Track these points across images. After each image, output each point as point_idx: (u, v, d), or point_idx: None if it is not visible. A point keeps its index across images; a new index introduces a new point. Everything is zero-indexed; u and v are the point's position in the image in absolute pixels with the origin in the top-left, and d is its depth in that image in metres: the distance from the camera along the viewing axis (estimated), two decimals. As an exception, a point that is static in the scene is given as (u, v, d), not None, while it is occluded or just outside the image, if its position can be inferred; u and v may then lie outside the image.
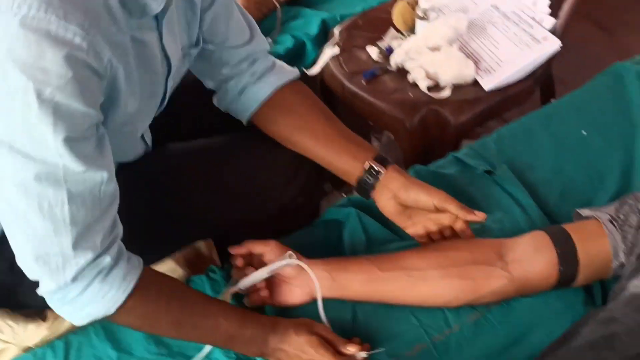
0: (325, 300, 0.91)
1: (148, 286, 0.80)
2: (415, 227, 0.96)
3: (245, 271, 0.92)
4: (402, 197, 0.92)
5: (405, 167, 1.13)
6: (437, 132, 1.26)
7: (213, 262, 1.11)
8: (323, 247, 1.03)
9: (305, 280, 0.92)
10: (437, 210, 0.92)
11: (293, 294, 0.93)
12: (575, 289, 0.92)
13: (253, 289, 0.92)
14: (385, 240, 1.03)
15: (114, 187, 0.75)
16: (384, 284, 0.91)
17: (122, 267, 0.76)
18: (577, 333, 0.82)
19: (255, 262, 0.94)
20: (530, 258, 0.89)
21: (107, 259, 0.74)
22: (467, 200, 1.02)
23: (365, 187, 0.94)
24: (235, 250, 0.94)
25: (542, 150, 1.12)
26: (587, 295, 0.92)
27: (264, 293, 0.92)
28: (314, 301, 0.92)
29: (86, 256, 0.72)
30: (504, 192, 1.06)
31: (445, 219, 0.93)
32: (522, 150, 1.13)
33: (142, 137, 1.00)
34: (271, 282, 0.94)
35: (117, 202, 0.77)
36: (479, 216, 0.90)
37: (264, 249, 0.93)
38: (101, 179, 0.72)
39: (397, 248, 0.99)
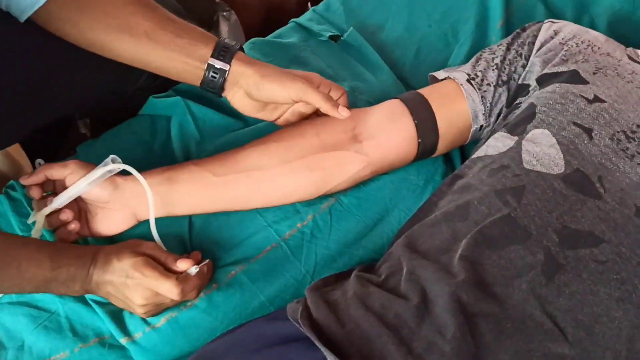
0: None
1: None
2: (280, 121, 0.80)
3: (46, 202, 0.73)
4: (255, 95, 0.74)
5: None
6: (276, 3, 1.08)
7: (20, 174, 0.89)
8: (145, 151, 0.85)
9: (124, 200, 0.74)
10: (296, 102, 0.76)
11: (112, 221, 0.76)
12: (435, 161, 0.83)
13: (59, 222, 0.74)
14: (225, 130, 0.87)
15: None
16: (221, 191, 0.76)
17: None
18: (435, 206, 0.73)
19: (58, 189, 0.75)
20: (387, 133, 0.78)
21: None
22: (314, 70, 0.88)
23: (212, 89, 0.74)
24: (27, 180, 0.73)
25: (393, 8, 0.98)
26: (446, 166, 0.83)
27: (74, 226, 0.74)
28: (143, 223, 0.76)
29: None
30: (353, 58, 0.92)
31: (306, 109, 0.78)
32: (372, 9, 0.98)
33: None
34: (82, 210, 0.76)
35: None
36: (342, 114, 0.75)
37: (63, 172, 0.73)
38: None
39: (241, 138, 0.83)
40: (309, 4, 1.24)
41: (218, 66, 0.72)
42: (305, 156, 0.76)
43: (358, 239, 0.79)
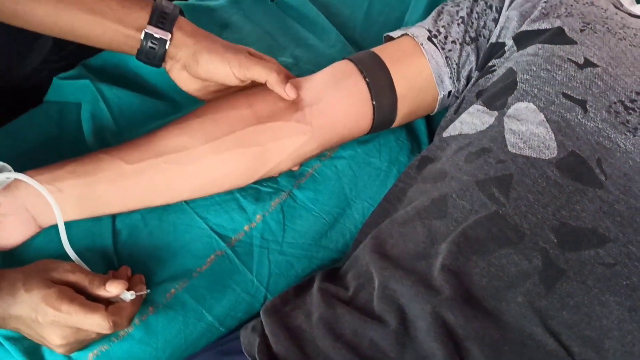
0: (70, 224, 0.62)
1: None
2: None
3: None
4: (193, 70, 0.62)
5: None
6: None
7: None
8: (53, 148, 0.70)
9: (20, 201, 0.60)
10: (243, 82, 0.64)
11: (9, 229, 0.61)
12: (398, 137, 0.71)
13: None
14: (147, 116, 0.73)
15: None
16: (135, 181, 0.62)
17: None
18: (403, 195, 0.63)
19: None
20: (333, 96, 0.65)
21: None
22: (251, 41, 0.74)
23: (150, 60, 0.62)
24: None
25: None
26: (412, 144, 0.72)
27: None
28: (49, 230, 0.62)
29: None
30: (295, 21, 0.78)
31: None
32: (312, -40, 0.84)
33: None
34: None
35: None
36: (289, 94, 0.63)
37: None
38: None
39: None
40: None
41: (157, 35, 0.61)
42: (235, 131, 0.63)
43: (317, 239, 0.68)
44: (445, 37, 0.67)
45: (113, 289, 0.57)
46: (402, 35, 0.70)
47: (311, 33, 0.78)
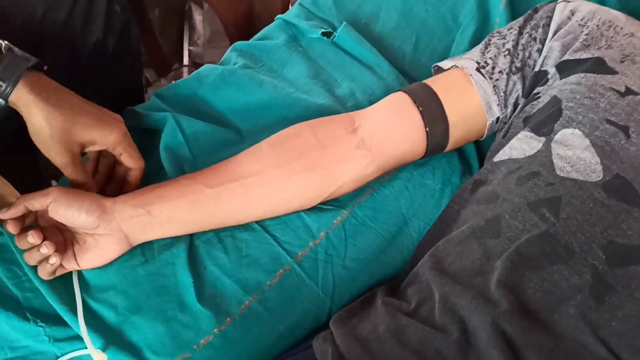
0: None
1: None
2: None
3: (28, 239, 0.66)
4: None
5: (230, 42, 0.87)
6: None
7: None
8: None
9: (115, 223, 0.68)
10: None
11: (103, 247, 0.68)
12: (450, 160, 0.77)
13: (40, 256, 0.66)
14: (221, 146, 0.80)
15: None
16: (215, 203, 0.70)
17: None
18: (457, 215, 0.68)
19: (41, 220, 0.68)
20: (390, 124, 0.72)
21: None
22: (311, 76, 0.81)
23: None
24: (5, 214, 0.66)
25: (385, -6, 0.91)
26: (463, 166, 0.78)
27: (55, 260, 0.66)
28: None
29: None
30: (349, 55, 0.85)
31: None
32: (363, -3, 0.91)
33: None
34: (67, 240, 0.69)
35: None
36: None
37: (45, 201, 0.65)
38: None
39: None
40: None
41: None
42: (302, 156, 0.70)
43: (377, 255, 0.74)
44: (493, 68, 0.72)
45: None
46: (451, 67, 0.76)
47: (365, 67, 0.84)
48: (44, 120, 0.64)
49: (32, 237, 0.64)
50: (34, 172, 0.96)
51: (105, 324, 0.68)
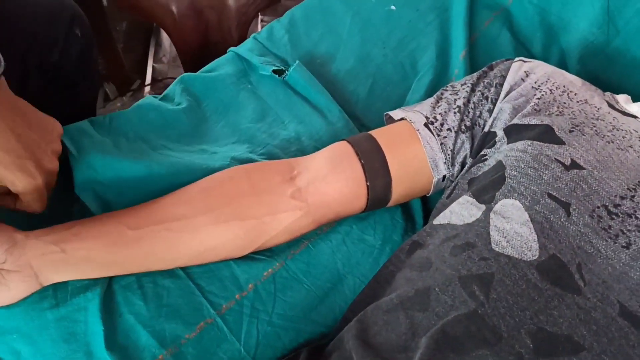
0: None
1: None
2: None
3: None
4: None
5: (183, 69, 0.83)
6: (215, 20, 0.96)
7: None
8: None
9: (25, 258, 0.61)
10: None
11: (11, 286, 0.62)
12: (393, 216, 0.73)
13: None
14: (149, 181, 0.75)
15: None
16: (137, 246, 0.64)
17: None
18: (392, 277, 0.64)
19: None
20: (328, 176, 0.68)
21: None
22: (256, 117, 0.77)
23: None
24: None
25: (344, 34, 0.88)
26: (406, 223, 0.74)
27: None
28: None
29: None
30: (300, 97, 0.81)
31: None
32: (320, 36, 0.88)
33: None
34: None
35: None
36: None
37: None
38: None
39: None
40: (259, 14, 1.13)
41: None
42: (234, 203, 0.66)
43: (306, 312, 0.69)
44: (441, 124, 0.69)
45: None
46: (401, 119, 0.72)
47: (314, 109, 0.80)
48: None
49: None
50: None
51: (3, 372, 0.63)
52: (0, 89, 0.59)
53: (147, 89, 1.40)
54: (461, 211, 0.62)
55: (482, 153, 0.68)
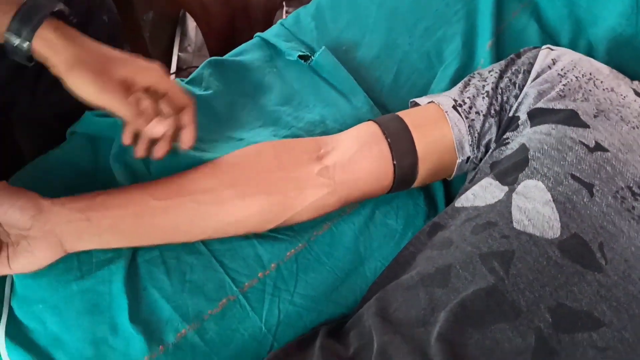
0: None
1: None
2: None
3: None
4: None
5: (210, 55, 0.84)
6: (241, 6, 0.97)
7: None
8: (88, 179, 0.74)
9: (49, 228, 0.62)
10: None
11: (34, 251, 0.62)
12: (416, 202, 0.73)
13: None
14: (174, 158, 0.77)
15: None
16: (162, 217, 0.65)
17: None
18: (412, 258, 0.64)
19: None
20: (355, 155, 0.68)
21: None
22: (282, 100, 0.78)
23: (21, 60, 0.59)
24: None
25: (370, 22, 0.88)
26: (429, 209, 0.74)
27: None
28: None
29: None
30: (325, 82, 0.82)
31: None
32: (347, 23, 0.88)
33: None
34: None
35: None
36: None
37: None
38: None
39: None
40: (284, 4, 1.14)
41: (15, 43, 0.58)
42: (260, 178, 0.67)
43: (328, 293, 0.70)
44: (470, 107, 0.69)
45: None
46: (428, 103, 0.73)
47: (340, 94, 0.81)
48: (72, 57, 0.58)
49: None
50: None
51: (30, 340, 0.64)
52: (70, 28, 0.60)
53: (172, 77, 1.43)
54: (483, 193, 0.62)
55: (504, 136, 0.68)
